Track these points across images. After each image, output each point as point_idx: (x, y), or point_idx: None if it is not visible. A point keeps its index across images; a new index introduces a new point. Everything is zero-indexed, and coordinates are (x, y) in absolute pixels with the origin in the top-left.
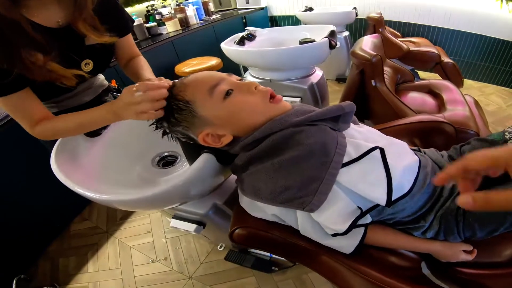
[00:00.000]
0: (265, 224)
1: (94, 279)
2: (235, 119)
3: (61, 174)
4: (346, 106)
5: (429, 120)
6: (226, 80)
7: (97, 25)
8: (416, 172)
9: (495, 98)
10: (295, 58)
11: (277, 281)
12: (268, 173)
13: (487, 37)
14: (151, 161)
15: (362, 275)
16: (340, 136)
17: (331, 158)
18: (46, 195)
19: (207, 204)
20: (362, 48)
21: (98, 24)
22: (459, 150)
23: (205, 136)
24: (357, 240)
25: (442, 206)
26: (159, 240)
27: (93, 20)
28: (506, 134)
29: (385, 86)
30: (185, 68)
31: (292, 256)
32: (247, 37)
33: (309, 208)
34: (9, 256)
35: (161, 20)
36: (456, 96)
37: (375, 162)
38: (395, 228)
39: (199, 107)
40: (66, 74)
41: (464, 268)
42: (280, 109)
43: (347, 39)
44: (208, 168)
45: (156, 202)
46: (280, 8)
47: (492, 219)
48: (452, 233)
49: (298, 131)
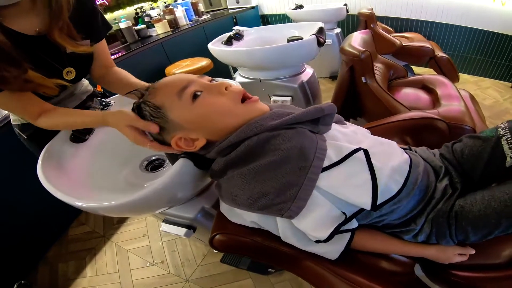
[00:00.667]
0: (245, 230)
1: (93, 283)
2: (206, 122)
3: (47, 183)
4: (325, 108)
5: (420, 117)
6: (195, 82)
7: (74, 34)
8: (406, 172)
9: (492, 92)
10: (283, 56)
11: (274, 283)
12: (244, 179)
13: (482, 31)
14: (139, 166)
15: (349, 282)
16: (320, 139)
17: (310, 163)
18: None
19: (195, 208)
20: (351, 45)
21: (74, 33)
22: (450, 148)
23: (177, 140)
24: (343, 245)
25: (434, 208)
26: (156, 244)
27: (69, 29)
28: (499, 130)
29: (375, 83)
30: (176, 69)
31: (275, 262)
32: (235, 37)
33: (288, 215)
34: (9, 263)
35: (150, 22)
36: (450, 91)
37: (358, 164)
38: (385, 231)
39: (169, 111)
40: (46, 83)
41: (459, 271)
42: (254, 110)
43: (339, 36)
44: (185, 173)
45: (136, 208)
46: (271, 6)
47: (486, 222)
48: (445, 237)
49: (274, 135)
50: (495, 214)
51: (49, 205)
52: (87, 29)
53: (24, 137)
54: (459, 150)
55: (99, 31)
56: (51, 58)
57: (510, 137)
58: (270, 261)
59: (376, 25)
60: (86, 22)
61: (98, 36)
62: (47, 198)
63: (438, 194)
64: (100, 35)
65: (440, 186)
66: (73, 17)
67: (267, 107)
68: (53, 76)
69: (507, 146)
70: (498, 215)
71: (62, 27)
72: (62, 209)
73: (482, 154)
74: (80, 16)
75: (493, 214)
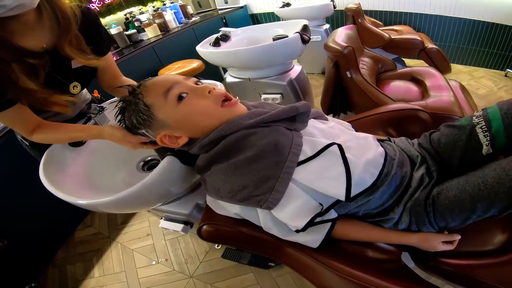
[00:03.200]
0: (231, 220)
1: (101, 283)
2: (190, 122)
3: (50, 185)
4: (300, 107)
5: (403, 108)
6: (180, 84)
7: (83, 47)
8: (381, 164)
9: (486, 81)
10: (268, 55)
11: (275, 276)
12: (226, 173)
13: (472, 20)
14: (136, 166)
15: (331, 269)
16: (296, 135)
17: (286, 157)
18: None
19: (190, 204)
20: (334, 41)
21: (84, 46)
22: (428, 137)
23: (162, 137)
24: (323, 235)
25: (411, 197)
26: (159, 242)
27: (79, 42)
28: (474, 118)
29: (360, 77)
30: (168, 72)
31: (261, 251)
32: (222, 38)
33: (266, 206)
34: (20, 266)
35: (141, 26)
36: (440, 82)
37: (333, 158)
38: (366, 221)
39: (156, 110)
40: (57, 100)
41: (448, 258)
42: (234, 112)
43: (328, 31)
44: (172, 169)
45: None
46: (259, 5)
47: (462, 207)
48: (424, 224)
49: (252, 133)
50: (469, 199)
51: (55, 209)
52: (94, 42)
53: (26, 143)
54: (436, 140)
55: (104, 44)
56: (58, 73)
57: (484, 125)
58: (256, 250)
59: (364, 20)
60: (92, 36)
61: (104, 49)
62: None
63: (414, 183)
64: (105, 48)
65: (417, 175)
66: (81, 31)
67: (245, 109)
68: (60, 91)
69: (482, 134)
70: (473, 199)
71: (72, 40)
72: (68, 213)
73: (458, 143)
74: (86, 29)
75: (468, 199)
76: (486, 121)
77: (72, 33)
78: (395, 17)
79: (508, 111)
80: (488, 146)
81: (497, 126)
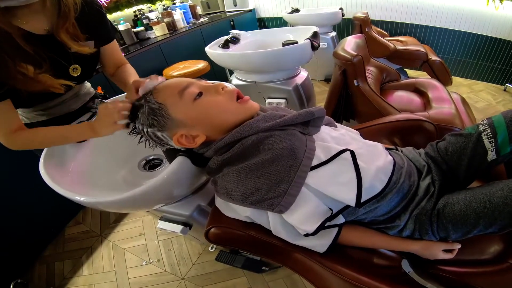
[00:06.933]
0: (239, 224)
1: (89, 282)
2: (206, 118)
3: (49, 179)
4: (316, 112)
5: (409, 118)
6: (195, 84)
7: (78, 35)
8: (390, 172)
9: (485, 95)
10: (278, 60)
11: (268, 280)
12: (239, 175)
13: (475, 35)
14: (138, 165)
15: (336, 274)
16: (310, 140)
17: (300, 162)
18: (41, 200)
19: (191, 205)
20: (344, 49)
21: (79, 33)
22: (435, 146)
23: (179, 138)
24: (330, 240)
25: (418, 205)
26: (152, 243)
27: (74, 30)
28: (480, 126)
29: (367, 86)
30: (173, 72)
31: (267, 255)
32: (231, 40)
33: (278, 209)
34: (6, 261)
35: (149, 24)
36: (442, 94)
37: (345, 164)
38: (371, 227)
39: (171, 109)
40: (54, 84)
41: (446, 266)
42: (248, 108)
43: (334, 39)
44: (183, 170)
45: (136, 203)
46: (268, 9)
47: (465, 222)
48: (427, 233)
49: (268, 136)
50: (474, 215)
51: (46, 205)
52: (92, 31)
53: None
54: (443, 148)
55: (104, 34)
56: (58, 55)
57: (490, 132)
58: (262, 253)
59: (371, 29)
60: (91, 25)
61: (103, 39)
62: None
63: (421, 192)
64: (105, 38)
65: (423, 185)
66: (79, 19)
67: (257, 105)
68: (60, 74)
69: (487, 141)
70: (477, 215)
71: (68, 28)
72: (59, 209)
73: (465, 150)
74: (86, 19)
75: (472, 215)
76: (491, 128)
77: (70, 21)
78: (401, 28)
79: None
80: (493, 152)
81: (502, 132)
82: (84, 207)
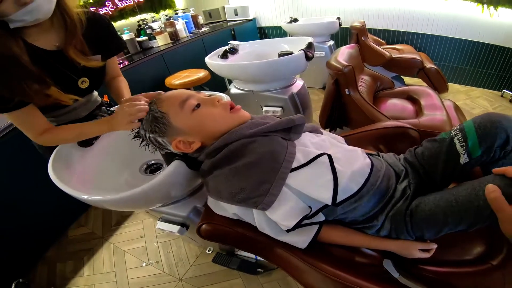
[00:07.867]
0: (228, 221)
1: (90, 282)
2: (202, 127)
3: (57, 180)
4: (296, 119)
5: (394, 126)
6: (194, 96)
7: (85, 50)
8: (367, 174)
9: (482, 101)
10: (273, 70)
11: (263, 282)
12: (227, 177)
13: (471, 42)
14: (139, 169)
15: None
16: (290, 145)
17: (280, 164)
18: (45, 202)
19: (188, 207)
20: (336, 59)
21: (86, 49)
22: (413, 152)
23: (177, 143)
24: (310, 236)
25: (394, 207)
26: (151, 245)
27: (82, 45)
28: (452, 132)
29: (358, 94)
30: (175, 80)
31: (253, 250)
32: (230, 51)
33: (262, 207)
34: (8, 261)
35: (152, 34)
36: (434, 102)
37: (323, 166)
38: (352, 227)
39: (172, 118)
40: (63, 98)
41: (429, 266)
42: (240, 117)
43: (332, 48)
44: (179, 172)
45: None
46: (268, 19)
47: (435, 220)
48: (402, 233)
49: (252, 141)
50: (442, 213)
51: (50, 207)
52: (101, 46)
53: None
54: (420, 153)
55: (110, 49)
56: (68, 69)
57: (461, 137)
58: (248, 248)
59: (367, 38)
60: (100, 40)
61: (110, 52)
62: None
63: (397, 194)
64: (111, 53)
65: (400, 187)
66: (87, 36)
67: (248, 114)
68: (69, 86)
69: (459, 145)
70: (445, 214)
71: (76, 44)
72: (62, 211)
73: (440, 154)
74: (94, 35)
75: (441, 213)
76: (462, 132)
77: (77, 37)
78: (397, 36)
79: (480, 124)
80: (465, 155)
81: (472, 137)
82: (87, 209)
